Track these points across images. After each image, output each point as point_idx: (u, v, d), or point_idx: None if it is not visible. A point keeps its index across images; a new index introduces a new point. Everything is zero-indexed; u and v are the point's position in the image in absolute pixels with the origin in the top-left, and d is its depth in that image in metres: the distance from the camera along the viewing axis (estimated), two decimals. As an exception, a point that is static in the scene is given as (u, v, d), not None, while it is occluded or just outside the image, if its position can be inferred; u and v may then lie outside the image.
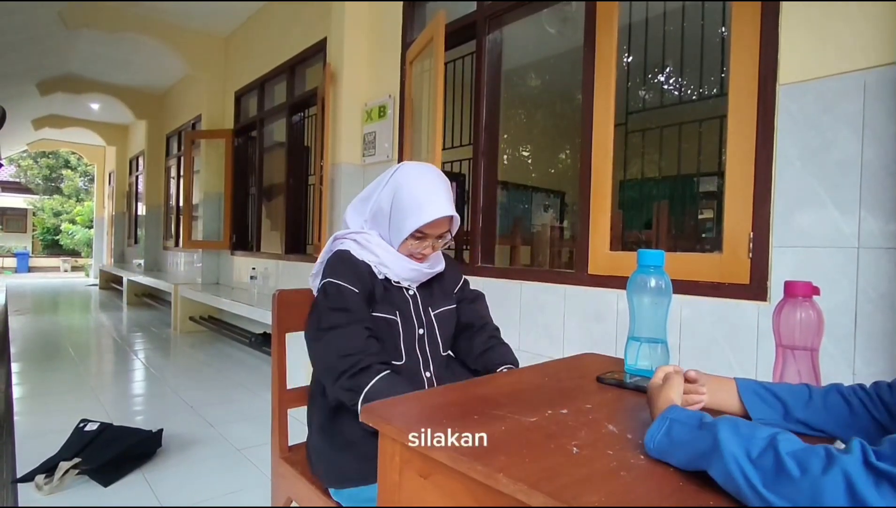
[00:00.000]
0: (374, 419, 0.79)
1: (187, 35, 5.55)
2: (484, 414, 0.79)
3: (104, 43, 5.83)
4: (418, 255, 1.14)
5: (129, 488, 1.96)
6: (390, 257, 1.12)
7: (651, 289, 1.05)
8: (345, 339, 1.02)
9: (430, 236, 1.12)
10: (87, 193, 18.86)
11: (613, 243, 2.12)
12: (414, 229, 1.08)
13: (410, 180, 1.11)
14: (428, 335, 1.16)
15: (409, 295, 1.17)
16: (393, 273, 1.13)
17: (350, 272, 1.08)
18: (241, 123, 5.57)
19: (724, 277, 1.74)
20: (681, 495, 0.55)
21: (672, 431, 0.61)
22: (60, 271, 16.31)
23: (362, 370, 0.98)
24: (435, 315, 1.19)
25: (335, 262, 1.11)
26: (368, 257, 1.12)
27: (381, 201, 1.13)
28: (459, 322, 1.25)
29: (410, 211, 1.08)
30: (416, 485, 0.73)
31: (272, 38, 4.82)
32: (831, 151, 1.50)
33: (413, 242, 1.11)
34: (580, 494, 0.54)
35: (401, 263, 1.13)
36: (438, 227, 1.11)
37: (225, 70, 5.80)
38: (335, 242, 1.16)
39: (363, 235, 1.14)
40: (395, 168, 1.15)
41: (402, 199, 1.09)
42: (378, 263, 1.12)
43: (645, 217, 3.88)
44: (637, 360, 1.07)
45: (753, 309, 1.65)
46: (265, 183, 5.37)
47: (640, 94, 3.15)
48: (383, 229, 1.13)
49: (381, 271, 1.12)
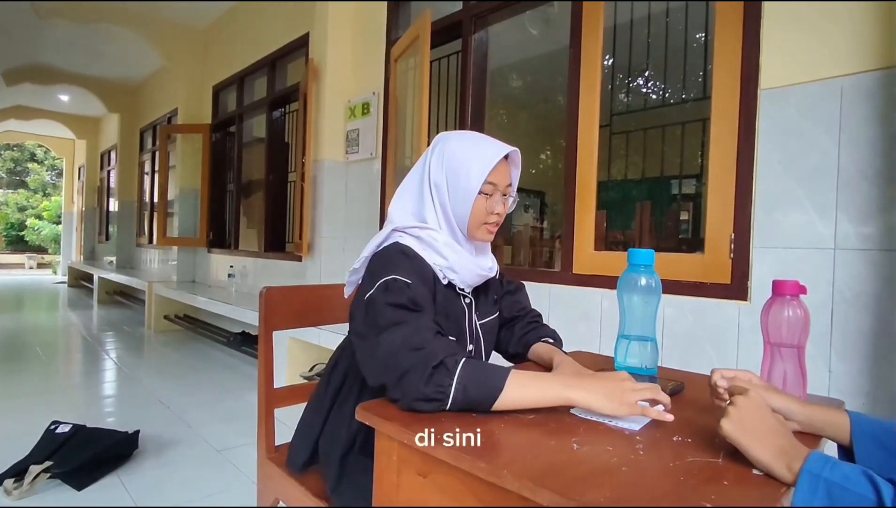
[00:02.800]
0: (371, 417, 0.78)
1: (164, 27, 5.41)
2: (482, 412, 0.79)
3: (76, 33, 5.64)
4: (492, 220, 1.01)
5: (104, 491, 1.90)
6: (458, 258, 0.99)
7: (641, 288, 1.06)
8: (411, 333, 0.83)
9: (499, 189, 1.00)
10: (54, 187, 18.25)
11: (597, 242, 2.15)
12: (484, 177, 0.95)
13: (457, 139, 1.01)
14: (475, 351, 1.07)
15: (466, 303, 1.05)
16: (460, 279, 1.00)
17: (416, 271, 0.93)
18: (219, 117, 5.46)
19: (706, 276, 1.78)
20: (683, 490, 0.56)
21: (832, 493, 0.48)
22: (25, 267, 15.72)
23: (436, 369, 0.77)
24: (481, 326, 1.09)
25: (397, 256, 0.94)
26: (434, 259, 0.98)
27: (432, 177, 1.00)
28: (503, 317, 1.18)
29: (472, 163, 0.96)
30: (415, 485, 0.73)
31: (252, 32, 4.74)
32: (810, 155, 1.54)
33: (484, 201, 0.98)
34: (586, 490, 0.55)
35: (469, 265, 1.01)
36: (503, 174, 1.01)
37: (203, 63, 5.68)
38: (393, 233, 0.99)
39: (428, 230, 0.99)
40: (432, 145, 1.04)
41: (457, 158, 0.98)
42: (446, 266, 0.98)
43: (627, 218, 3.95)
44: (626, 358, 1.08)
45: (734, 308, 1.69)
46: (244, 179, 5.28)
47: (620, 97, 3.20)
48: (444, 209, 1.00)
49: (446, 276, 0.99)
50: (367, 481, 0.95)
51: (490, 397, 0.76)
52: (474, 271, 1.02)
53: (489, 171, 0.96)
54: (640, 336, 1.07)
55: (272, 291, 1.29)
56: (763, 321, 0.91)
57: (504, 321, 1.19)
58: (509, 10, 2.64)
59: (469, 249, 1.04)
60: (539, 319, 1.21)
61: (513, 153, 1.02)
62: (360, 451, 1.00)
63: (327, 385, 1.10)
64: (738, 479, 0.58)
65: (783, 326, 0.88)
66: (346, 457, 1.01)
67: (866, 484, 0.48)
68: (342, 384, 1.08)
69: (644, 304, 1.07)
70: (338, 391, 1.08)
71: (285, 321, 1.33)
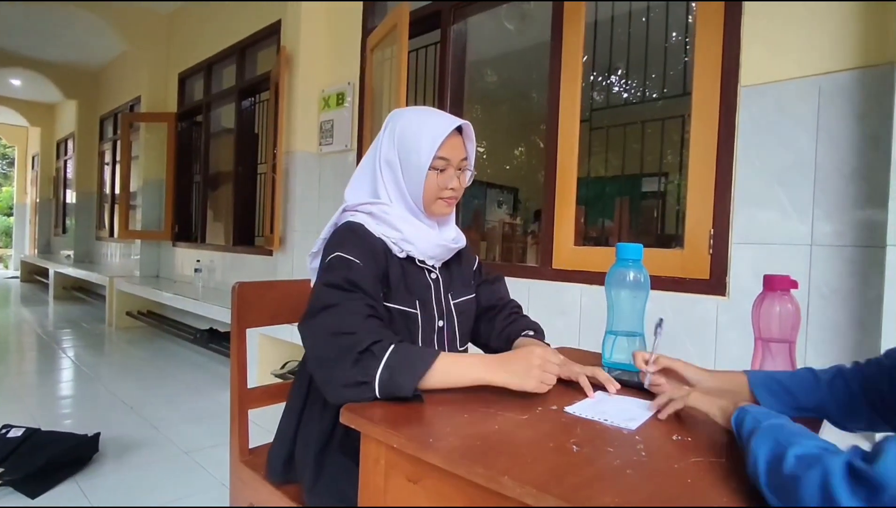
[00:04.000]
0: (356, 419, 0.74)
1: (126, 10, 5.16)
2: (474, 412, 0.75)
3: (29, 13, 5.33)
4: (447, 195, 0.99)
5: (61, 498, 1.79)
6: (414, 230, 0.97)
7: (629, 282, 1.05)
8: (339, 316, 0.82)
9: (452, 164, 0.98)
10: (5, 177, 17.34)
11: (577, 238, 2.14)
12: (434, 152, 0.94)
13: (407, 114, 0.99)
14: (447, 327, 1.04)
15: (432, 279, 1.02)
16: (418, 250, 0.98)
17: (362, 247, 0.91)
18: (185, 106, 5.26)
19: (685, 272, 1.79)
20: (692, 493, 0.53)
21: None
22: (-26, 261, 14.91)
23: (362, 355, 0.77)
24: (455, 305, 1.06)
25: (345, 233, 0.94)
26: (388, 232, 0.96)
27: (384, 155, 0.98)
28: (480, 306, 1.16)
29: (421, 137, 0.94)
30: (404, 491, 0.68)
31: (221, 18, 4.56)
32: (788, 152, 1.56)
33: (437, 177, 0.97)
34: (592, 496, 0.52)
35: (428, 236, 0.98)
36: (456, 149, 0.98)
37: (168, 49, 5.45)
38: (343, 213, 0.99)
39: (379, 205, 0.97)
40: (385, 122, 1.02)
41: (407, 133, 0.96)
42: (401, 238, 0.96)
43: (603, 213, 3.97)
44: (613, 353, 1.07)
45: (713, 304, 1.70)
46: (211, 171, 5.10)
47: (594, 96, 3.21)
48: (398, 187, 0.98)
49: (402, 249, 0.97)
50: (345, 481, 0.91)
51: (414, 377, 0.78)
52: (434, 242, 1.00)
53: (438, 145, 0.94)
54: (628, 332, 1.06)
55: (245, 286, 1.23)
56: (754, 317, 0.90)
57: (482, 310, 1.17)
58: (489, 3, 2.60)
59: (429, 222, 1.03)
60: (519, 310, 1.18)
61: (465, 126, 1.00)
62: (339, 449, 0.96)
63: (299, 384, 1.06)
64: (747, 480, 0.56)
65: (774, 321, 0.88)
66: (322, 455, 0.97)
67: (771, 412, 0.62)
68: (312, 381, 1.02)
69: (632, 299, 1.06)
70: (308, 389, 1.03)
71: (259, 317, 1.26)
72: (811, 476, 0.46)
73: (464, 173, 1.01)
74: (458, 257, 1.11)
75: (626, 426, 0.72)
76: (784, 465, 0.49)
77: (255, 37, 4.13)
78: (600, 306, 1.94)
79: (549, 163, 2.19)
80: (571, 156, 2.14)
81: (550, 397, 0.84)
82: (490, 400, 0.80)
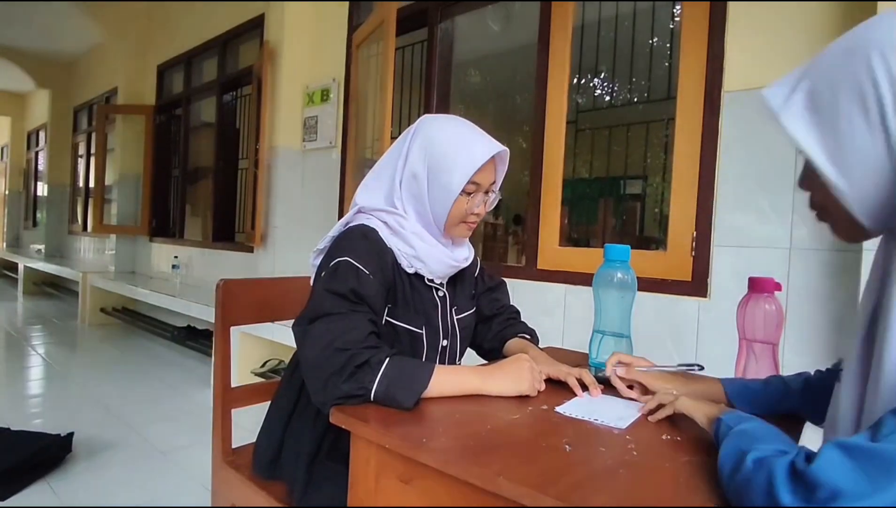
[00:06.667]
0: (347, 419, 0.73)
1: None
2: (466, 412, 0.75)
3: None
4: (471, 219, 0.95)
5: (33, 499, 1.74)
6: (428, 249, 0.93)
7: (616, 283, 1.06)
8: (340, 329, 0.79)
9: (482, 189, 0.94)
10: (-28, 168, 16.71)
11: (561, 239, 2.15)
12: (469, 176, 0.89)
13: (443, 127, 0.92)
14: (450, 345, 1.01)
15: (439, 297, 1.00)
16: (428, 269, 0.94)
17: (374, 257, 0.88)
18: (163, 99, 5.14)
19: (668, 273, 1.81)
20: (685, 493, 0.54)
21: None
22: (-62, 255, 14.35)
23: (359, 368, 0.76)
24: (458, 320, 1.04)
25: (358, 237, 0.89)
26: (400, 247, 0.92)
27: (410, 166, 0.92)
28: (480, 314, 1.14)
29: (458, 160, 0.89)
30: (395, 492, 0.68)
31: (202, 10, 4.47)
32: (769, 158, 1.59)
33: (464, 201, 0.92)
34: (587, 496, 0.52)
35: (440, 257, 0.94)
36: (488, 173, 0.94)
37: (146, 41, 5.32)
38: (358, 214, 0.95)
39: (397, 216, 0.93)
40: (413, 127, 0.96)
41: (442, 150, 0.90)
42: (412, 255, 0.92)
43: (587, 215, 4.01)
44: (599, 353, 1.07)
45: (694, 305, 1.73)
46: (190, 165, 5.00)
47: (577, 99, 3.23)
48: (419, 202, 0.93)
49: (412, 265, 0.93)
50: (336, 489, 0.89)
51: (412, 393, 0.76)
52: (446, 263, 0.96)
53: (475, 172, 0.90)
54: (615, 332, 1.07)
55: (230, 283, 1.20)
56: (739, 318, 0.92)
57: (482, 317, 1.15)
58: (478, 1, 2.60)
59: (444, 242, 0.99)
60: (517, 316, 1.18)
61: (501, 151, 0.96)
62: (329, 457, 0.94)
63: (289, 386, 1.04)
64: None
65: (759, 323, 0.90)
66: (313, 464, 0.95)
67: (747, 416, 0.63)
68: (304, 385, 1.01)
69: (620, 299, 1.07)
70: (300, 391, 1.01)
71: (244, 315, 1.24)
72: (759, 477, 0.48)
73: (489, 196, 0.97)
74: (463, 269, 1.07)
75: (617, 426, 0.73)
76: (741, 469, 0.51)
77: (237, 30, 4.06)
78: (584, 306, 1.96)
79: (535, 164, 2.20)
80: (558, 157, 2.15)
81: (541, 396, 0.85)
82: (482, 400, 0.80)
